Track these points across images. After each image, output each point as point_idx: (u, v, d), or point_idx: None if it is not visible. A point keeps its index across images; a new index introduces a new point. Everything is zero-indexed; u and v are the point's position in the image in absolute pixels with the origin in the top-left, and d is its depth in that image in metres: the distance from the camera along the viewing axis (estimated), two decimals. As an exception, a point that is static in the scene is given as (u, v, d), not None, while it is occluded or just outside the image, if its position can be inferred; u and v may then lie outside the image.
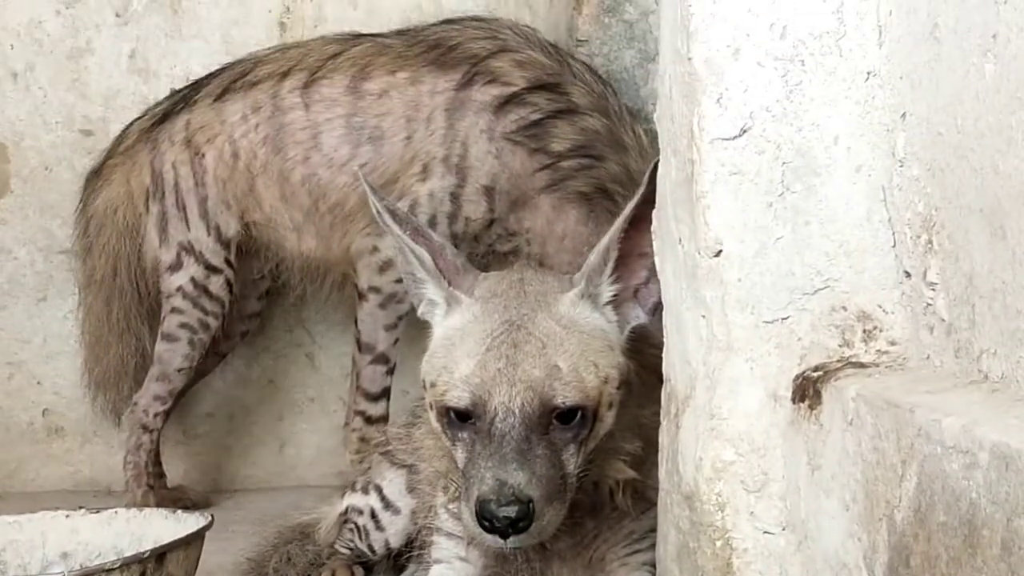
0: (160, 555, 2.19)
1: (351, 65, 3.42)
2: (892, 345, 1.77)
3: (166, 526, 2.43)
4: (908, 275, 1.74)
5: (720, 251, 1.80)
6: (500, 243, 3.38)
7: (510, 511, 2.00)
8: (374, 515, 2.73)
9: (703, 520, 1.84)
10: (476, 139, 3.30)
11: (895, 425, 1.52)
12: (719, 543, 1.83)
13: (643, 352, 2.27)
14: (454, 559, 2.36)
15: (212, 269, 3.53)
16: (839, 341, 1.79)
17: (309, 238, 3.49)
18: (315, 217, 3.44)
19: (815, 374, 1.77)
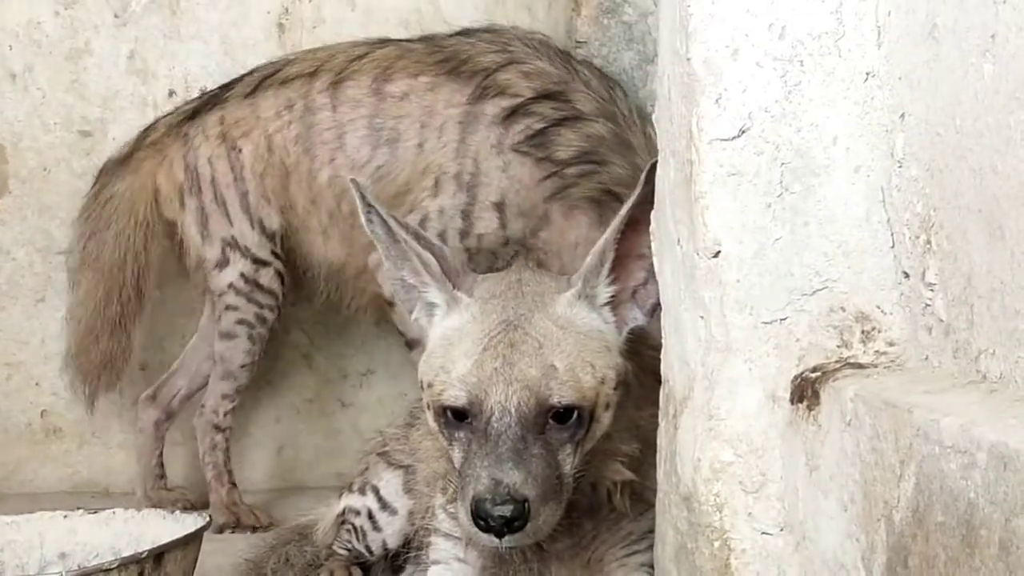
0: (158, 555, 2.19)
1: (375, 67, 3.45)
2: (890, 346, 1.77)
3: (164, 526, 2.43)
4: (907, 275, 1.74)
5: (719, 252, 1.80)
6: (518, 260, 3.39)
7: (505, 510, 2.00)
8: (371, 516, 2.73)
9: (701, 521, 1.84)
10: (487, 155, 3.33)
11: (893, 425, 1.51)
12: (717, 544, 1.83)
13: (641, 354, 2.27)
14: (452, 560, 2.36)
15: (260, 262, 3.53)
16: (837, 342, 1.79)
17: (335, 243, 3.50)
18: (339, 219, 3.45)
19: (813, 375, 1.76)
